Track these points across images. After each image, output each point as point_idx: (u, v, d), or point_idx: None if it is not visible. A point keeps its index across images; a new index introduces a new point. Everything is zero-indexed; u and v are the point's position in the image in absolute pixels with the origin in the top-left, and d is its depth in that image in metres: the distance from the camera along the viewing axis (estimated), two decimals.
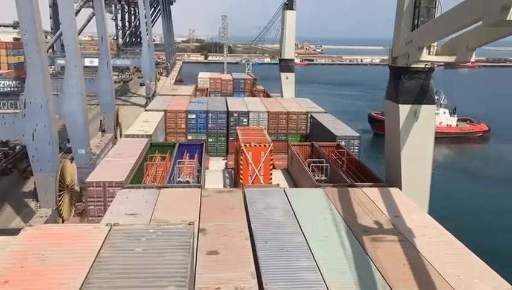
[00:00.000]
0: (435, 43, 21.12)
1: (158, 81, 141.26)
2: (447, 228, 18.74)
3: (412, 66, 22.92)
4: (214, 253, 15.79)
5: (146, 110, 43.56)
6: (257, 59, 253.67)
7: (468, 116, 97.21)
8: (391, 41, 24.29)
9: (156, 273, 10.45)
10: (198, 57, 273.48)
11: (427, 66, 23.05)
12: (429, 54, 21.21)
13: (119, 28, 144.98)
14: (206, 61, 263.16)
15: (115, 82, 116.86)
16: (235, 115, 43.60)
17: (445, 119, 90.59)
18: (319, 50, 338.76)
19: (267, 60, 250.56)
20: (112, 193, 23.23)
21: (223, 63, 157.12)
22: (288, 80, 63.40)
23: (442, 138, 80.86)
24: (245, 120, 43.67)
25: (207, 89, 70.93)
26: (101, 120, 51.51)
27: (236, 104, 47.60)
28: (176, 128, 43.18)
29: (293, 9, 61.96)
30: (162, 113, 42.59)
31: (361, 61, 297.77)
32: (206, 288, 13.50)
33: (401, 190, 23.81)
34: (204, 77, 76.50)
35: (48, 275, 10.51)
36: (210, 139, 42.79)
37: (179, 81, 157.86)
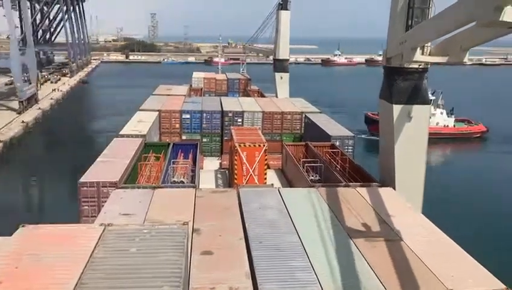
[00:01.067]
0: (429, 44, 21.22)
1: (59, 81, 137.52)
2: (441, 228, 18.82)
3: (406, 66, 22.98)
4: (209, 253, 15.78)
5: (140, 110, 43.41)
6: (180, 58, 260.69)
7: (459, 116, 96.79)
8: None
9: (150, 274, 10.44)
10: (118, 56, 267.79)
11: (420, 67, 23.13)
12: (423, 54, 21.31)
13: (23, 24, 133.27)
14: (127, 60, 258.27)
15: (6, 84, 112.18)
16: (230, 115, 43.57)
17: (442, 119, 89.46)
18: None
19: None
20: (106, 193, 23.14)
21: (146, 62, 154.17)
22: (282, 80, 63.39)
23: (439, 138, 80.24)
24: (239, 120, 43.64)
25: (201, 89, 70.83)
26: None
27: (231, 104, 47.55)
28: (170, 128, 43.07)
29: (287, 10, 62.02)
30: (156, 113, 42.47)
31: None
32: (200, 288, 13.48)
33: (395, 189, 23.89)
34: (198, 77, 76.37)
35: (42, 275, 10.47)
36: (204, 139, 42.73)
37: (82, 82, 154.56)
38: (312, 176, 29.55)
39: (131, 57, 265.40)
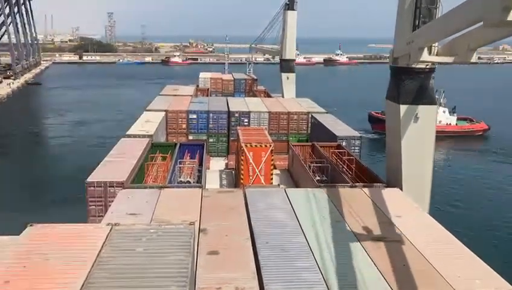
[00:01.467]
0: (436, 44, 21.13)
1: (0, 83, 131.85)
2: (448, 229, 18.74)
3: (413, 66, 22.90)
4: (215, 253, 15.80)
5: (147, 110, 43.55)
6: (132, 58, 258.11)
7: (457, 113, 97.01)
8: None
9: (157, 273, 10.47)
10: (72, 57, 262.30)
11: (427, 66, 23.04)
12: (430, 54, 21.21)
13: None
14: (80, 61, 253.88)
15: None
16: (236, 115, 43.59)
17: (444, 118, 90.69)
18: (210, 49, 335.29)
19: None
20: (113, 193, 23.24)
21: (100, 62, 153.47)
22: (289, 80, 63.24)
23: (441, 136, 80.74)
24: (246, 120, 43.64)
25: (208, 89, 70.92)
26: None
27: (237, 104, 47.56)
28: (177, 128, 43.14)
29: (293, 10, 61.90)
30: (163, 113, 42.56)
31: (246, 60, 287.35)
32: (207, 288, 13.50)
33: (401, 190, 23.81)
34: (205, 77, 76.49)
35: (50, 275, 10.54)
36: (211, 139, 42.77)
37: (31, 84, 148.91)
38: (318, 176, 29.51)
39: (85, 58, 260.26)
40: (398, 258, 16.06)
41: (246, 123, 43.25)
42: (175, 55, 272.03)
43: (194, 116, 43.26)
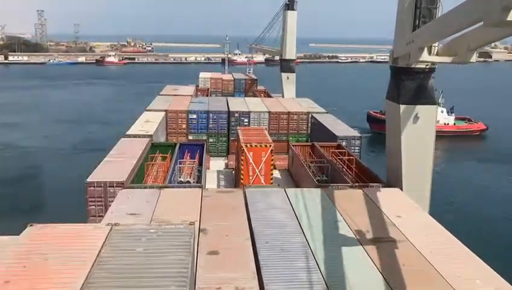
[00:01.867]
0: (436, 44, 21.13)
1: None
2: (448, 229, 18.74)
3: (413, 66, 22.91)
4: (215, 253, 15.80)
5: (147, 110, 43.55)
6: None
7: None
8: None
9: (157, 273, 10.47)
10: None
11: (427, 66, 23.04)
12: (430, 54, 21.21)
13: None
14: (6, 62, 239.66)
15: None
16: (236, 115, 43.58)
17: (442, 118, 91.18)
18: (149, 48, 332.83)
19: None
20: (113, 193, 23.24)
21: (28, 63, 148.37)
22: (289, 80, 63.25)
23: (439, 136, 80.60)
24: (246, 120, 43.63)
25: (208, 89, 70.93)
26: None
27: (237, 104, 47.55)
28: (177, 128, 43.13)
29: (293, 10, 61.90)
30: (163, 113, 42.55)
31: (186, 59, 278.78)
32: (207, 288, 13.50)
33: (401, 190, 23.81)
34: (205, 77, 76.51)
35: (50, 275, 10.54)
36: (211, 139, 42.77)
37: None
38: (318, 176, 29.50)
39: (11, 58, 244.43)
40: (398, 258, 16.06)
41: (246, 123, 43.24)
42: (110, 55, 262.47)
43: (194, 116, 43.25)
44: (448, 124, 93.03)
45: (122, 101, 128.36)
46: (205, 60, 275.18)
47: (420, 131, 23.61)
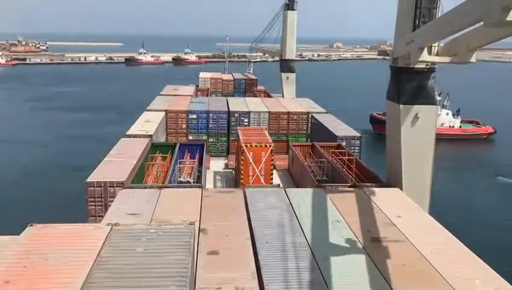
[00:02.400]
0: (436, 44, 21.13)
1: None
2: (448, 228, 18.74)
3: (413, 66, 22.91)
4: (215, 253, 15.80)
5: (147, 110, 43.55)
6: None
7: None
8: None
9: (157, 273, 10.47)
10: None
11: (427, 66, 23.04)
12: (430, 54, 21.21)
13: None
14: None
15: None
16: (236, 115, 43.60)
17: (447, 120, 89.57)
18: (43, 47, 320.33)
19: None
20: (113, 193, 23.25)
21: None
22: (289, 80, 63.28)
23: (444, 140, 79.57)
24: (246, 120, 43.66)
25: (208, 89, 70.98)
26: None
27: (237, 104, 47.58)
28: (177, 128, 43.16)
29: (293, 10, 61.91)
30: (163, 113, 42.58)
31: (85, 59, 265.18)
32: (206, 288, 13.50)
33: (401, 190, 23.81)
34: (205, 77, 76.56)
35: (50, 274, 10.54)
36: (211, 139, 42.78)
37: None
38: (318, 176, 29.50)
39: None
40: (398, 258, 16.06)
41: (246, 123, 43.26)
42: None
43: (194, 116, 43.27)
44: (453, 126, 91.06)
45: None
46: (107, 59, 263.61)
47: (420, 131, 23.60)
